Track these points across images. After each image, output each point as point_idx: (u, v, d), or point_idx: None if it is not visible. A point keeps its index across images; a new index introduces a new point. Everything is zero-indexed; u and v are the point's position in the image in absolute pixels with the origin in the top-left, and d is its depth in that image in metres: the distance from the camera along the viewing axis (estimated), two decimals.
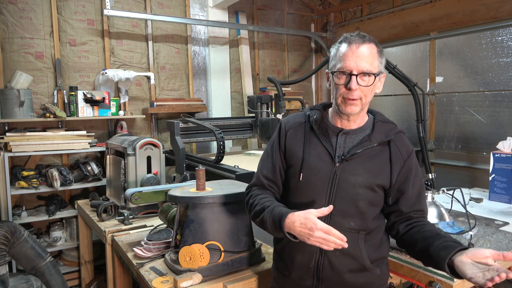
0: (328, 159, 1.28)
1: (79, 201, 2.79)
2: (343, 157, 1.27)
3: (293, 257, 1.34)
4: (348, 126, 1.31)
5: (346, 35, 1.26)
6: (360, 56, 1.21)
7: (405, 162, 1.30)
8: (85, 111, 3.30)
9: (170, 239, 1.73)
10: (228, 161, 2.84)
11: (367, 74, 1.22)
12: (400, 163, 1.29)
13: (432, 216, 1.93)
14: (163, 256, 1.70)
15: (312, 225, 1.10)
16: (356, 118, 1.30)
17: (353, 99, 1.23)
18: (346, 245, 1.09)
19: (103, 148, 3.28)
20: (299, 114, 1.42)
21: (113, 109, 3.45)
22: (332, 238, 1.09)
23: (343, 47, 1.24)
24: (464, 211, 1.85)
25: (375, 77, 1.23)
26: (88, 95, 3.25)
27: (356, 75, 1.21)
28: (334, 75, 1.25)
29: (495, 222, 1.93)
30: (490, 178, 2.37)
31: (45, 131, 3.14)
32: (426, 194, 2.02)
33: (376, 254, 1.31)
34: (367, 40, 1.23)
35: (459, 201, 1.89)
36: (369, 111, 1.38)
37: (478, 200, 2.35)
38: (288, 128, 1.39)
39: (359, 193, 1.26)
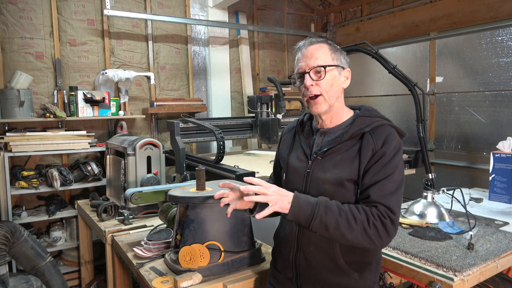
0: (304, 159, 1.34)
1: (79, 201, 2.79)
2: (314, 155, 1.30)
3: (280, 248, 1.42)
4: (325, 126, 1.34)
5: (299, 43, 1.34)
6: (309, 56, 1.28)
7: (377, 151, 1.21)
8: (85, 111, 3.30)
9: (170, 239, 1.73)
10: (228, 161, 2.84)
11: (319, 68, 1.26)
12: (370, 153, 1.22)
13: (432, 216, 1.93)
14: (163, 256, 1.70)
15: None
16: (331, 117, 1.32)
17: (314, 96, 1.28)
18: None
19: (103, 148, 3.28)
20: (296, 119, 1.50)
21: (113, 109, 3.45)
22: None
23: (297, 55, 1.34)
24: (464, 211, 1.86)
25: (327, 68, 1.26)
26: (88, 95, 3.25)
27: (308, 72, 1.27)
28: (297, 80, 1.33)
29: (495, 222, 1.93)
30: (490, 178, 2.37)
31: (45, 131, 3.14)
32: (425, 194, 2.02)
33: (354, 256, 1.26)
34: (317, 41, 1.30)
35: (459, 201, 1.89)
36: (357, 108, 1.37)
37: (478, 200, 2.35)
38: (283, 134, 1.53)
39: (327, 189, 1.25)
